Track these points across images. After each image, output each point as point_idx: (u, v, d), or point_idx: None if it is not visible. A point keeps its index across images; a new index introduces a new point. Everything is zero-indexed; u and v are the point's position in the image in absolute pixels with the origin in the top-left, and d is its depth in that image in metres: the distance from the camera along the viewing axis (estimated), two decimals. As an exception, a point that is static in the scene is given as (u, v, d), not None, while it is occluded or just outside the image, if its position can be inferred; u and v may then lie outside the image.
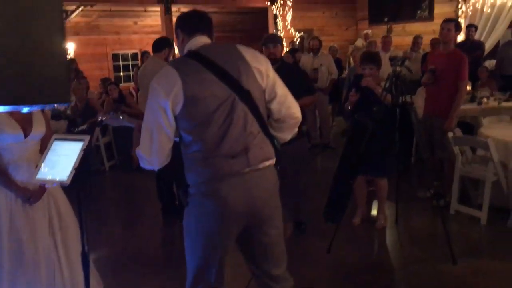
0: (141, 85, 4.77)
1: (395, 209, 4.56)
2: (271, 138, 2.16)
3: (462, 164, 4.66)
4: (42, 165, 2.05)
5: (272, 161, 2.15)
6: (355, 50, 8.54)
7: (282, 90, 2.19)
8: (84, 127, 2.17)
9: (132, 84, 11.14)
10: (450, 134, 4.59)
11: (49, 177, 2.01)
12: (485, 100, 6.40)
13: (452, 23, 4.73)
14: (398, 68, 3.81)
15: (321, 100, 7.33)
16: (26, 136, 2.68)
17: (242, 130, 2.04)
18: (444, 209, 4.58)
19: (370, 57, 4.26)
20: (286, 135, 2.27)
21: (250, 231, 2.17)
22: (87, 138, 2.08)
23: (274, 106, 2.17)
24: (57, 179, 2.00)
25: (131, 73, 12.47)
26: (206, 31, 2.18)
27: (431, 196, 4.64)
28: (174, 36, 2.28)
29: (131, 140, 7.09)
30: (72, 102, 7.08)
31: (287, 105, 2.19)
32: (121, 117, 2.22)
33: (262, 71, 2.12)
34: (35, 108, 0.79)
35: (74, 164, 2.00)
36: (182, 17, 2.24)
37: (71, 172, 1.98)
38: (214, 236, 2.11)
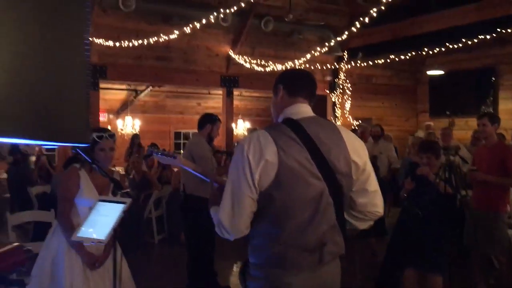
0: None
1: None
2: (344, 230, 1.98)
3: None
4: (84, 224, 2.12)
5: (341, 253, 2.00)
6: (414, 140, 8.43)
7: (373, 186, 2.01)
8: (128, 190, 2.24)
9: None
10: (511, 232, 4.30)
11: (88, 236, 2.06)
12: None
13: (485, 118, 4.71)
14: (451, 158, 3.71)
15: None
16: None
17: (324, 224, 1.87)
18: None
19: (428, 146, 4.19)
20: (363, 226, 2.12)
21: None
22: (129, 201, 2.14)
23: (360, 200, 2.00)
24: (96, 238, 2.04)
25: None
26: (308, 97, 2.01)
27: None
28: (272, 92, 2.07)
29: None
30: (130, 175, 7.40)
31: (374, 202, 2.03)
32: (174, 157, 2.16)
33: (360, 166, 1.95)
34: (51, 146, 0.82)
35: (114, 225, 2.05)
36: (288, 74, 2.13)
37: (109, 233, 2.03)
38: None
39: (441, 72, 11.32)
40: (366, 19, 7.32)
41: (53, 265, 2.76)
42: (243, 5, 8.18)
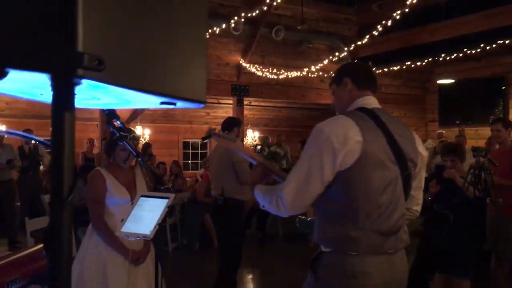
0: (211, 163, 4.99)
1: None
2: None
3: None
4: (128, 219, 2.08)
5: (408, 244, 2.01)
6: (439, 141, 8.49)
7: (423, 185, 2.11)
8: (169, 185, 2.21)
9: (199, 171, 11.45)
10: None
11: (133, 231, 2.02)
12: None
13: (499, 123, 4.75)
14: (481, 159, 3.67)
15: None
16: (132, 198, 2.83)
17: (399, 209, 1.90)
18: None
19: (452, 149, 4.15)
20: None
21: None
22: (172, 196, 2.11)
23: (413, 195, 2.06)
24: (141, 233, 2.00)
25: (199, 161, 12.88)
26: (375, 92, 2.06)
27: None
28: (334, 84, 2.08)
29: (197, 221, 7.17)
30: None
31: (420, 201, 2.12)
32: (234, 140, 2.11)
33: (424, 158, 2.04)
34: (167, 103, 0.81)
35: (158, 220, 2.01)
36: (356, 67, 2.16)
37: (154, 227, 2.00)
38: None
39: (451, 81, 11.33)
40: (379, 27, 7.33)
41: (94, 269, 2.73)
42: (254, 14, 8.22)
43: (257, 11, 8.24)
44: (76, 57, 0.63)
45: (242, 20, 8.40)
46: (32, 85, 0.78)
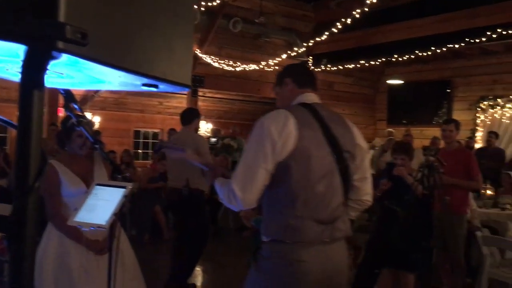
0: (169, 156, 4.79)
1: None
2: (348, 213, 2.15)
3: (490, 266, 4.46)
4: (82, 208, 1.99)
5: (348, 235, 2.10)
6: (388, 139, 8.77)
7: (370, 174, 2.18)
8: (127, 174, 2.13)
9: (150, 161, 11.24)
10: (479, 233, 4.46)
11: (87, 220, 1.94)
12: (508, 206, 6.29)
13: (452, 124, 4.92)
14: (431, 158, 3.80)
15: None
16: (88, 187, 2.71)
17: (335, 199, 1.99)
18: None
19: (403, 148, 4.26)
20: (353, 215, 2.25)
21: None
22: (129, 185, 2.04)
23: (358, 186, 2.13)
24: (96, 223, 1.92)
25: (149, 151, 12.63)
26: (315, 89, 2.16)
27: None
28: (277, 87, 2.21)
29: (146, 212, 7.04)
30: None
31: (369, 191, 2.19)
32: (183, 150, 2.18)
33: (363, 150, 2.13)
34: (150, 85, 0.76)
35: (115, 210, 1.94)
36: (295, 68, 2.25)
37: (110, 217, 1.92)
38: None
39: (400, 82, 11.70)
40: (338, 25, 7.43)
41: (54, 258, 2.63)
42: (212, 4, 8.13)
43: (216, 2, 8.15)
44: (57, 28, 0.57)
45: (201, 9, 8.28)
46: (-3, 58, 0.71)
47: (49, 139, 7.21)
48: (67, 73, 0.74)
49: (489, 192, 6.59)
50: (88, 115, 10.86)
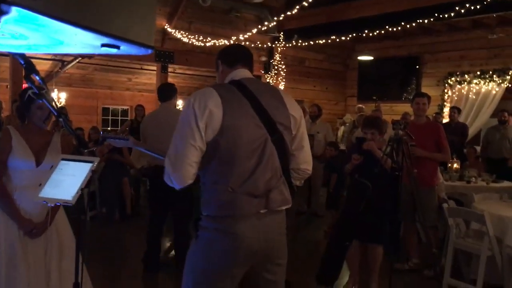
0: (149, 134, 4.54)
1: (388, 280, 4.40)
2: (290, 183, 2.18)
3: (456, 237, 4.60)
4: (47, 184, 1.93)
5: (288, 206, 2.15)
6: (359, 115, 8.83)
7: (307, 143, 2.24)
8: (93, 148, 2.09)
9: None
10: (445, 205, 4.57)
11: (53, 196, 1.88)
12: (473, 179, 6.49)
13: (425, 98, 5.02)
14: (400, 132, 3.85)
15: (315, 167, 7.27)
16: (38, 164, 2.66)
17: (268, 172, 2.03)
18: (437, 282, 4.46)
19: (372, 122, 4.31)
20: (295, 184, 2.30)
21: (256, 270, 2.10)
22: (96, 159, 1.98)
23: (296, 155, 2.19)
24: (61, 199, 1.87)
25: (119, 128, 12.41)
26: (247, 64, 2.20)
27: (410, 268, 4.70)
28: (216, 70, 2.26)
29: (116, 190, 6.93)
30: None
31: (307, 159, 2.24)
32: (126, 139, 2.21)
33: (297, 120, 2.16)
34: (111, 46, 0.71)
35: (81, 185, 1.89)
36: (224, 49, 2.29)
37: (77, 193, 1.87)
38: (223, 276, 2.03)
39: (370, 58, 11.77)
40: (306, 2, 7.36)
41: None
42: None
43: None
44: (4, -22, 0.52)
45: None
46: None
47: (13, 117, 6.99)
48: (20, 32, 0.69)
49: (455, 165, 6.75)
50: (54, 91, 10.56)
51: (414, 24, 8.70)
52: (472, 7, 7.46)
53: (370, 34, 9.56)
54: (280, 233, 2.15)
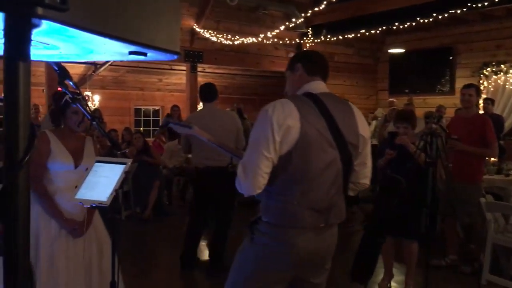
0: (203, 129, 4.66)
1: (424, 276, 4.33)
2: (347, 198, 2.21)
3: (494, 232, 4.48)
4: (82, 186, 1.99)
5: (343, 219, 2.19)
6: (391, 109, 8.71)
7: (369, 160, 2.24)
8: (127, 150, 2.14)
9: (151, 139, 11.25)
10: (483, 200, 4.45)
11: (88, 198, 1.94)
12: (512, 172, 6.29)
13: (473, 88, 4.76)
14: (434, 126, 3.76)
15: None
16: (76, 166, 2.73)
17: (333, 189, 2.06)
18: (475, 278, 4.36)
19: (405, 116, 4.23)
20: (352, 194, 2.33)
21: (304, 276, 2.15)
22: (129, 161, 2.03)
23: (357, 171, 2.20)
24: (97, 200, 1.92)
25: (151, 128, 12.62)
26: (325, 77, 2.20)
27: (447, 264, 4.62)
28: (288, 71, 2.24)
29: (149, 190, 7.06)
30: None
31: (367, 175, 2.25)
32: (190, 127, 2.22)
33: (365, 139, 2.17)
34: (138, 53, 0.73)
35: (115, 186, 1.94)
36: (308, 54, 2.30)
37: (111, 194, 1.92)
38: (273, 282, 2.08)
39: (401, 51, 11.56)
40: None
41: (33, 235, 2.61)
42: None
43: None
44: (35, -7, 0.54)
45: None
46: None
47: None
48: (52, 43, 0.71)
49: (492, 158, 6.56)
50: (88, 94, 10.83)
51: (446, 15, 8.48)
52: (506, -5, 7.23)
53: (401, 27, 9.39)
54: (333, 244, 2.19)
